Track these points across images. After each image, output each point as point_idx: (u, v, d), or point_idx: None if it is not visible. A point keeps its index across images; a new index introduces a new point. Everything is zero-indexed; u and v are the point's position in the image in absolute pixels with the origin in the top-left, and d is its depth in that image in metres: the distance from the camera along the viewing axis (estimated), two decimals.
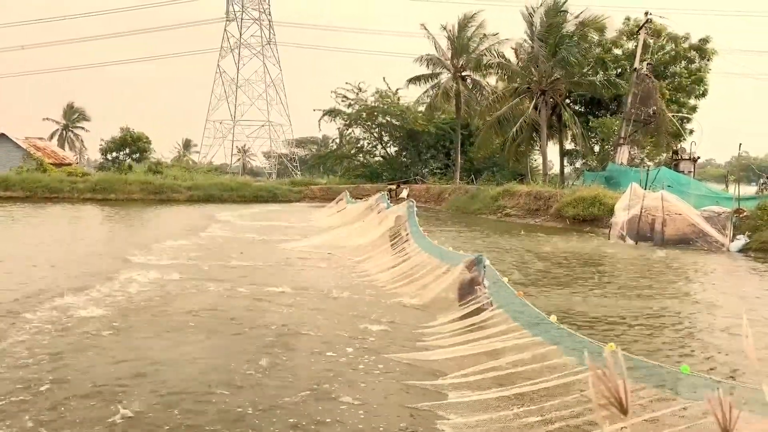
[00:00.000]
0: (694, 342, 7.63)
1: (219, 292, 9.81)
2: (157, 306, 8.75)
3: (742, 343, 2.71)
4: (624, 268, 14.15)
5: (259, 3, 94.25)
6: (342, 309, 8.86)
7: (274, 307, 8.81)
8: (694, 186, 22.53)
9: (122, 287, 9.87)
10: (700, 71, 34.48)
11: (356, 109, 46.07)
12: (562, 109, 32.14)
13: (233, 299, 9.33)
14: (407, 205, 15.64)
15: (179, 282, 10.51)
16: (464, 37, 40.57)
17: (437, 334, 7.26)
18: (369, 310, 8.75)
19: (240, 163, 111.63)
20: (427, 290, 9.29)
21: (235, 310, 8.61)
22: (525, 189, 28.51)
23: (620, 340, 6.95)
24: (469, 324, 6.90)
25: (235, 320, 8.00)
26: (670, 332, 8.02)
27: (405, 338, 7.34)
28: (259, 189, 41.52)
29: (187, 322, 7.89)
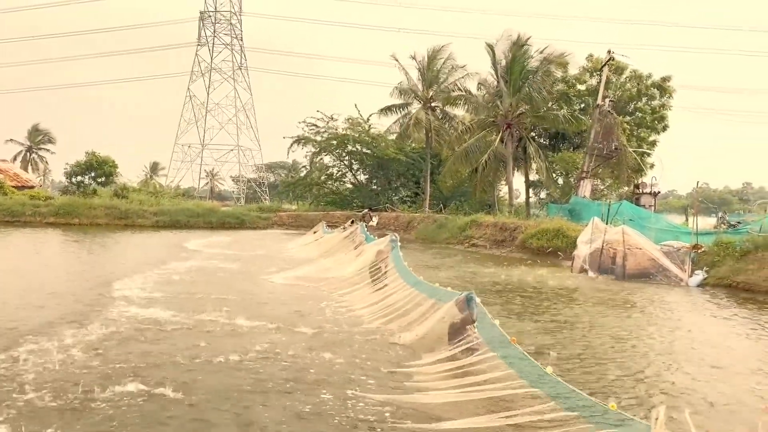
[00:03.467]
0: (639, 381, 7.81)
1: (209, 331, 9.65)
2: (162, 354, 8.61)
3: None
4: (582, 301, 14.40)
5: (231, 29, 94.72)
6: (328, 347, 8.78)
7: (261, 347, 8.66)
8: (654, 220, 23.15)
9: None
10: (662, 108, 35.75)
11: (326, 136, 46.39)
12: (528, 143, 32.86)
13: (216, 337, 9.23)
14: (390, 239, 15.70)
15: (158, 329, 10.37)
16: (434, 68, 41.44)
17: (426, 374, 7.22)
18: (356, 348, 8.71)
19: (208, 186, 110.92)
20: (413, 327, 9.18)
21: (221, 350, 8.48)
22: (491, 220, 28.95)
23: (567, 372, 7.12)
24: (460, 366, 6.84)
25: (218, 357, 7.95)
26: (614, 369, 8.19)
27: (392, 378, 7.31)
28: (226, 215, 41.27)
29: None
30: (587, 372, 7.98)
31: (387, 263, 13.80)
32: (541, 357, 8.22)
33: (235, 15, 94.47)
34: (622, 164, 29.71)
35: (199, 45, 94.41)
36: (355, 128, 46.06)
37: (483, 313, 7.40)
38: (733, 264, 16.47)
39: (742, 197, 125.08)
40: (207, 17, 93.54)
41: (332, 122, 46.82)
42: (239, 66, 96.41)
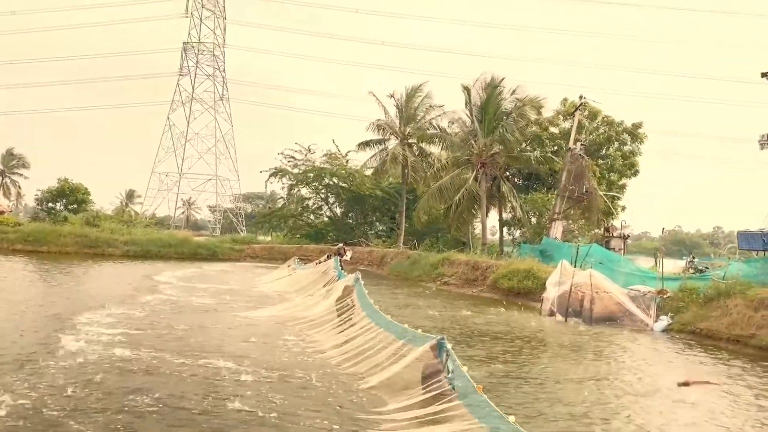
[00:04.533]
0: None
1: (174, 371, 9.44)
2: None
3: None
4: (547, 348, 14.43)
5: (214, 60, 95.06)
6: (294, 390, 8.66)
7: (225, 390, 8.50)
8: (623, 264, 23.35)
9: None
10: (632, 155, 36.50)
11: (303, 169, 46.47)
12: (501, 182, 33.22)
13: (179, 379, 9.02)
14: (354, 277, 15.64)
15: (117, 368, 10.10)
16: (411, 106, 41.93)
17: (394, 422, 7.12)
18: (322, 393, 8.59)
19: (184, 215, 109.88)
20: (382, 370, 9.01)
21: (177, 391, 8.33)
22: (464, 258, 28.99)
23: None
24: (428, 414, 6.75)
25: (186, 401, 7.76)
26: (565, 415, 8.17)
27: (359, 425, 7.19)
28: (198, 246, 40.84)
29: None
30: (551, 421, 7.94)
31: (354, 300, 13.76)
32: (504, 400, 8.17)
33: (218, 47, 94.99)
34: (593, 207, 30.13)
35: (180, 75, 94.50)
36: (332, 162, 46.23)
37: (453, 359, 7.33)
38: (697, 310, 16.62)
39: (713, 241, 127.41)
40: (190, 48, 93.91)
41: (310, 154, 46.97)
42: (221, 97, 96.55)
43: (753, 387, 10.84)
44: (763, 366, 12.79)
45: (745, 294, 15.85)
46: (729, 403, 9.64)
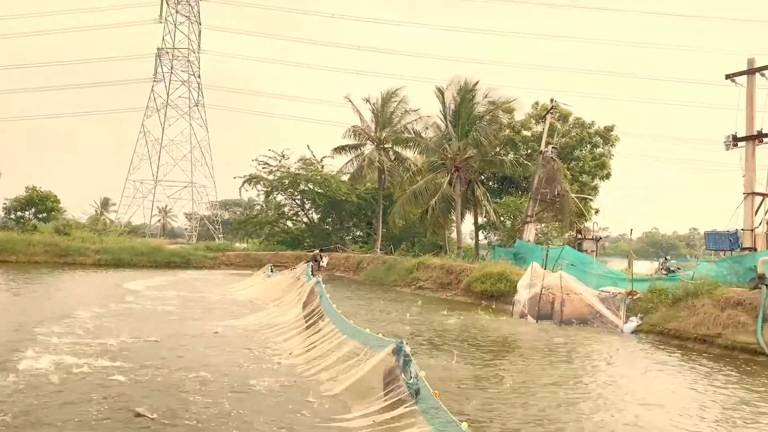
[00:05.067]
0: None
1: (130, 379, 9.24)
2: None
3: None
4: (514, 349, 14.41)
5: (189, 65, 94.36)
6: (256, 401, 8.49)
7: (187, 402, 8.31)
8: (595, 266, 23.48)
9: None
10: (604, 156, 36.85)
11: (278, 175, 46.20)
12: (476, 186, 33.31)
13: (144, 389, 8.80)
14: (315, 281, 15.54)
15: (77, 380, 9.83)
16: (387, 111, 41.98)
17: (355, 429, 7.04)
18: (286, 401, 8.46)
19: (160, 223, 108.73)
20: (346, 377, 8.91)
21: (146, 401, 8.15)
22: (438, 262, 28.98)
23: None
24: (386, 420, 6.73)
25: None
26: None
27: None
28: (172, 254, 40.33)
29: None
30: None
31: (318, 305, 13.65)
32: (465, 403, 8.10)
33: (193, 52, 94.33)
34: (565, 209, 30.33)
35: (155, 81, 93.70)
36: (307, 168, 46.04)
37: (411, 363, 7.22)
38: (665, 311, 16.72)
39: (689, 242, 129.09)
40: (164, 54, 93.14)
41: (284, 160, 46.73)
42: (196, 103, 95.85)
43: (717, 387, 10.90)
44: (727, 365, 12.90)
45: (712, 294, 15.98)
46: (686, 401, 9.67)
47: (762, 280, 15.30)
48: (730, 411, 9.25)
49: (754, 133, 18.82)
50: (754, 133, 18.82)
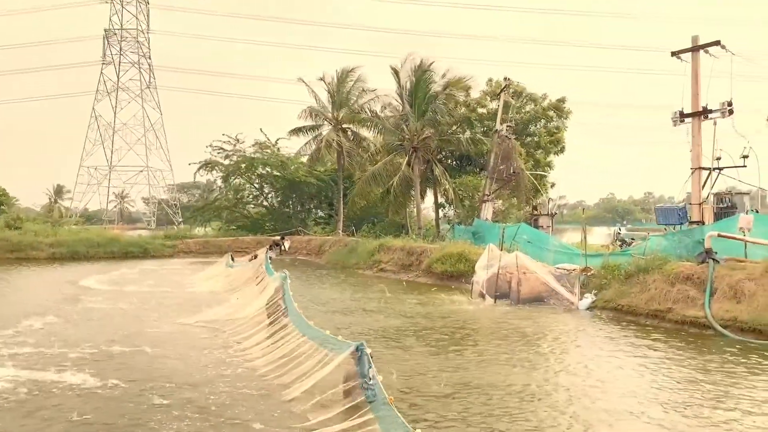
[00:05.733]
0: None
1: (87, 389, 9.07)
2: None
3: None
4: (472, 331, 14.62)
5: (138, 47, 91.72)
6: (216, 407, 8.42)
7: (138, 411, 8.21)
8: (551, 242, 23.92)
9: None
10: (558, 130, 37.32)
11: (234, 160, 45.51)
12: (434, 165, 33.43)
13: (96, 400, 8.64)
14: (281, 276, 15.35)
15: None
16: (343, 90, 41.55)
17: None
18: (245, 408, 8.39)
19: (117, 209, 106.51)
20: (305, 380, 8.75)
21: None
22: (399, 244, 29.10)
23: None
24: (344, 429, 6.67)
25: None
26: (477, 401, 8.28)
27: None
28: (129, 244, 39.51)
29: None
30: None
31: (281, 303, 13.54)
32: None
33: (142, 33, 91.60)
34: (521, 187, 30.72)
35: (104, 64, 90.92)
36: (263, 151, 45.42)
37: (370, 367, 7.18)
38: (618, 287, 17.14)
39: (644, 207, 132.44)
40: (112, 35, 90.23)
41: (239, 144, 46.01)
42: (147, 85, 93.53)
43: (667, 359, 11.27)
44: (677, 339, 13.35)
45: (662, 269, 16.42)
46: (632, 377, 9.98)
47: (709, 254, 15.79)
48: (680, 389, 9.52)
49: (699, 109, 19.27)
50: (699, 109, 19.27)
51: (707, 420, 8.08)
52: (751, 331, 13.37)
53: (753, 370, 10.67)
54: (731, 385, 9.75)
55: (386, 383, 6.89)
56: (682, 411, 8.42)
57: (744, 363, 11.18)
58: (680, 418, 8.12)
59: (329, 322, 14.39)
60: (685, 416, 8.21)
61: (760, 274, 14.39)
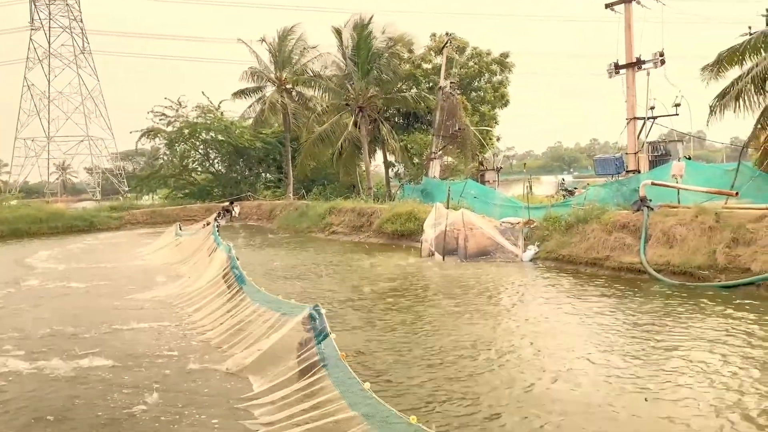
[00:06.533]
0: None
1: (34, 372, 8.98)
2: None
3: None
4: (420, 289, 14.96)
5: (68, 10, 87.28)
6: (169, 385, 8.41)
7: (87, 393, 8.16)
8: (496, 196, 24.42)
9: None
10: (502, 84, 37.60)
11: (177, 126, 44.34)
12: (381, 124, 33.37)
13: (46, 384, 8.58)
14: (226, 247, 15.25)
15: None
16: (285, 50, 40.72)
17: (266, 405, 7.10)
18: (198, 384, 8.39)
19: (59, 181, 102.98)
20: (258, 349, 8.85)
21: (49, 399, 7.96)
22: (350, 206, 29.20)
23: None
24: (295, 390, 6.81)
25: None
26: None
27: (234, 416, 7.09)
28: (73, 218, 38.35)
29: None
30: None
31: (229, 273, 13.53)
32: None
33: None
34: (467, 143, 31.02)
35: (32, 29, 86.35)
36: (206, 116, 44.36)
37: (324, 325, 7.26)
38: (559, 237, 17.75)
39: (590, 154, 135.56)
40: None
41: (182, 109, 44.77)
42: (81, 50, 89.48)
43: (608, 304, 11.85)
44: (617, 285, 14.00)
45: (600, 218, 17.06)
46: (570, 321, 10.50)
47: (644, 202, 16.45)
48: (621, 332, 10.03)
49: (633, 60, 19.75)
50: (633, 60, 19.75)
51: (654, 358, 8.58)
52: (683, 273, 14.10)
53: (682, 310, 11.36)
54: (664, 324, 10.40)
55: (341, 344, 7.07)
56: (635, 354, 8.85)
57: (674, 303, 11.88)
58: (637, 362, 8.54)
59: (281, 288, 14.57)
60: (639, 358, 8.66)
61: (691, 219, 15.07)
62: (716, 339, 9.35)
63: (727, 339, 9.34)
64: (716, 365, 8.16)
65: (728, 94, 16.00)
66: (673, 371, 8.03)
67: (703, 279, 13.64)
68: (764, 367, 8.05)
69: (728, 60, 16.38)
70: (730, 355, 8.54)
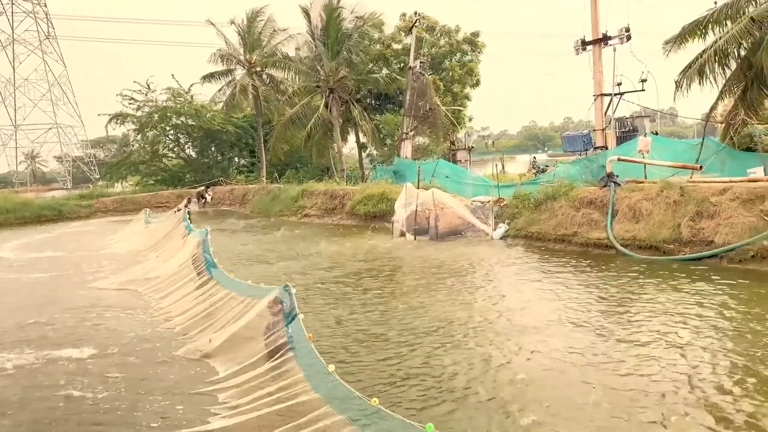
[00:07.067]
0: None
1: None
2: None
3: None
4: (390, 270, 14.98)
5: None
6: (131, 372, 8.32)
7: (54, 380, 8.07)
8: (468, 175, 24.46)
9: None
10: (472, 63, 37.49)
11: (146, 111, 43.54)
12: (351, 106, 33.13)
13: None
14: (201, 232, 15.06)
15: None
16: (254, 32, 40.14)
17: (232, 389, 7.07)
18: (159, 371, 8.32)
19: (29, 170, 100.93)
20: (226, 333, 8.72)
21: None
22: (322, 188, 29.04)
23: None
24: (261, 374, 6.77)
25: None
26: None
27: (196, 402, 7.04)
28: (41, 207, 37.59)
29: None
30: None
31: (199, 259, 13.38)
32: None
33: None
34: (438, 123, 30.95)
35: None
36: (176, 99, 43.59)
37: (293, 306, 7.17)
38: (529, 215, 17.86)
39: (563, 132, 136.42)
40: None
41: (151, 93, 43.92)
42: (46, 35, 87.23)
43: (576, 279, 11.98)
44: (584, 260, 14.14)
45: (568, 195, 17.19)
46: (538, 297, 10.60)
47: (610, 178, 16.58)
48: (591, 308, 10.13)
49: (599, 36, 19.79)
50: (599, 36, 19.79)
51: (625, 333, 8.70)
52: (648, 248, 14.31)
53: (649, 283, 11.56)
54: (633, 298, 10.59)
55: (311, 327, 7.01)
56: (608, 329, 8.96)
57: (641, 278, 12.07)
58: (609, 337, 8.66)
59: (250, 272, 14.44)
60: (611, 333, 8.79)
61: (656, 193, 15.25)
62: (685, 311, 9.49)
63: (696, 311, 9.49)
64: (687, 337, 8.27)
65: (692, 68, 16.12)
66: (646, 344, 8.13)
67: (668, 253, 13.85)
68: (734, 338, 8.18)
69: (691, 33, 16.49)
70: (702, 328, 8.67)
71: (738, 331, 8.45)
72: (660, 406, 6.26)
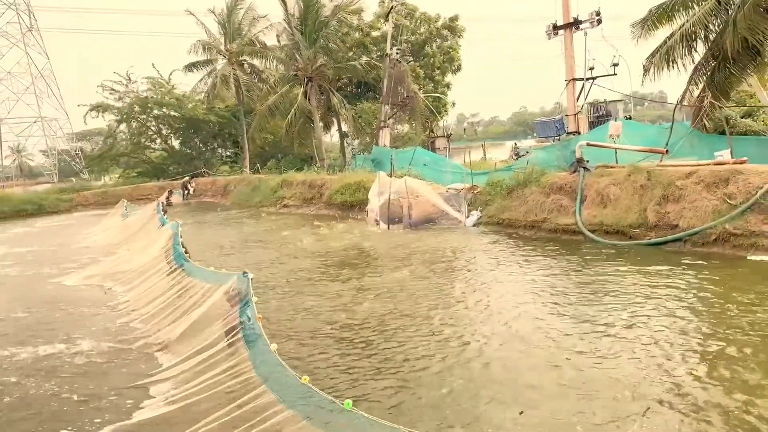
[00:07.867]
0: None
1: None
2: None
3: None
4: (368, 257, 14.94)
5: None
6: (88, 363, 8.31)
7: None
8: (447, 163, 24.39)
9: None
10: (452, 49, 37.22)
11: (127, 102, 43.15)
12: (330, 95, 32.92)
13: None
14: (173, 224, 14.95)
15: None
16: (234, 21, 39.82)
17: (181, 376, 7.06)
18: (112, 365, 8.27)
19: (15, 164, 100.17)
20: (187, 321, 8.65)
21: None
22: (301, 178, 28.94)
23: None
24: (212, 355, 6.72)
25: None
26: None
27: (141, 395, 7.01)
28: (22, 202, 37.42)
29: None
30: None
31: (169, 251, 13.31)
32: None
33: None
34: (416, 111, 30.79)
35: None
36: (157, 90, 43.22)
37: (249, 289, 7.14)
38: (501, 202, 17.82)
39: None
40: None
41: (131, 84, 43.52)
42: (29, 28, 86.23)
43: (545, 264, 11.98)
44: (552, 246, 14.14)
45: (539, 181, 17.14)
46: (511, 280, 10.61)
47: (580, 163, 16.54)
48: (553, 290, 10.14)
49: (570, 20, 19.69)
50: (570, 20, 19.69)
51: (595, 318, 8.70)
52: (615, 233, 14.33)
53: (615, 268, 11.62)
54: (600, 282, 10.60)
55: (279, 315, 6.96)
56: (579, 316, 8.96)
57: (606, 263, 12.13)
58: (580, 324, 8.66)
59: (224, 263, 14.39)
60: (582, 319, 8.79)
61: (624, 178, 15.23)
62: (651, 294, 9.54)
63: (661, 293, 9.54)
64: (660, 321, 8.27)
65: (659, 52, 16.05)
66: (619, 330, 8.11)
67: (634, 237, 13.87)
68: (700, 319, 8.25)
69: (659, 18, 16.39)
70: (668, 309, 8.72)
71: (701, 312, 8.52)
72: (628, 389, 6.32)
